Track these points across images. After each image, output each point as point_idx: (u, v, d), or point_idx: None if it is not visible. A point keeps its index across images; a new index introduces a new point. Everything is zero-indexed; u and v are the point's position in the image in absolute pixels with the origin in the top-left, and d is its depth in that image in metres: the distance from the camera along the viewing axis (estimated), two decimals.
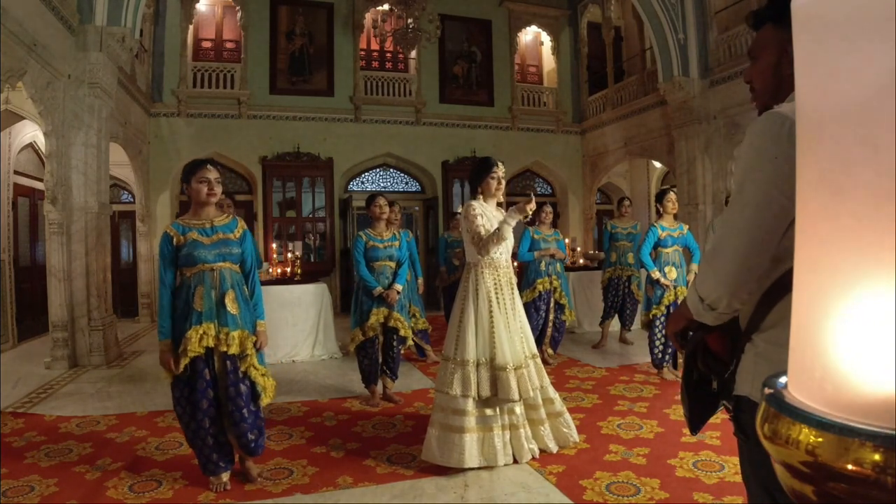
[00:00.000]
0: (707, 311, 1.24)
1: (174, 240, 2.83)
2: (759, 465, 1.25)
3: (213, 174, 2.87)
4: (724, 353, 1.32)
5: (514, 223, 3.16)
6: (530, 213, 3.11)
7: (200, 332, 2.76)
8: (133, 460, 3.31)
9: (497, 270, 3.31)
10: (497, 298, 3.25)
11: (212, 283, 2.83)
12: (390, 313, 4.38)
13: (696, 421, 1.43)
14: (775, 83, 1.29)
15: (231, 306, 2.83)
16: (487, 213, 3.32)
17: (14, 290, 7.21)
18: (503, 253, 3.36)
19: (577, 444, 3.43)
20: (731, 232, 1.17)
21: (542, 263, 5.65)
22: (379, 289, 4.33)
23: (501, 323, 3.21)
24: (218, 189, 2.89)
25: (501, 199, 3.45)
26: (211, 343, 2.79)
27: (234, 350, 2.81)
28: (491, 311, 3.22)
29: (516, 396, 3.12)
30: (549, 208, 5.95)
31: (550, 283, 5.64)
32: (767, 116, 1.14)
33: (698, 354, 1.36)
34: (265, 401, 2.94)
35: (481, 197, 3.39)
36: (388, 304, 4.35)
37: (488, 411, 3.15)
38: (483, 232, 3.23)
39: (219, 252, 2.85)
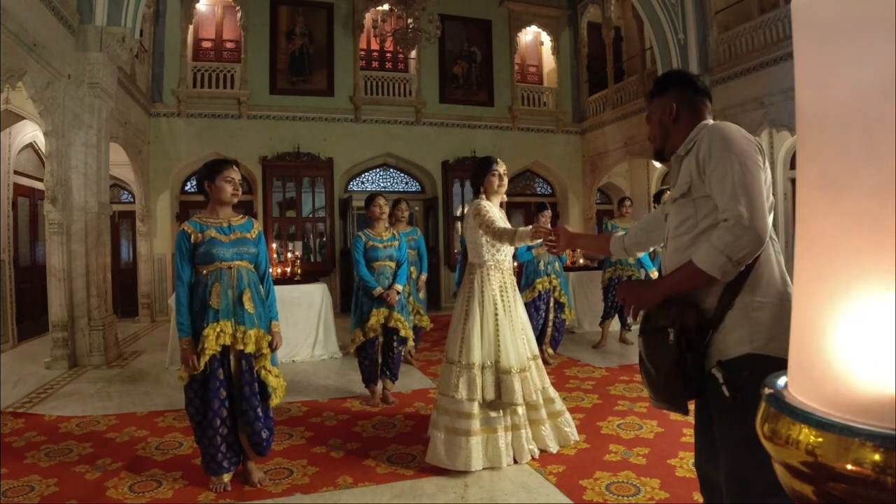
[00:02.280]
0: (734, 268, 1.43)
1: (192, 237, 2.83)
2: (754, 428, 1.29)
3: (237, 175, 2.93)
4: (697, 326, 1.52)
5: (520, 244, 3.11)
6: (535, 247, 3.07)
7: (217, 329, 2.76)
8: (133, 460, 3.31)
9: (502, 272, 3.31)
10: (502, 301, 3.25)
11: (229, 282, 2.83)
12: (391, 314, 4.37)
13: (685, 402, 1.60)
14: (663, 133, 1.78)
15: (248, 304, 2.84)
16: (494, 212, 3.30)
17: (14, 290, 7.21)
18: (507, 255, 3.36)
19: (578, 443, 3.43)
20: (749, 193, 1.42)
21: (541, 263, 5.65)
22: (379, 289, 4.32)
23: (507, 326, 3.21)
24: (240, 190, 2.94)
25: (504, 197, 3.45)
26: (228, 341, 2.79)
27: (250, 348, 2.82)
28: (496, 315, 3.21)
29: (520, 400, 3.12)
30: (548, 212, 5.92)
31: (550, 282, 5.64)
32: (716, 124, 1.60)
33: (682, 336, 1.50)
34: (275, 401, 2.94)
35: (484, 196, 3.39)
36: (388, 305, 4.35)
37: (492, 413, 3.15)
38: (499, 223, 3.20)
39: (237, 251, 2.86)
